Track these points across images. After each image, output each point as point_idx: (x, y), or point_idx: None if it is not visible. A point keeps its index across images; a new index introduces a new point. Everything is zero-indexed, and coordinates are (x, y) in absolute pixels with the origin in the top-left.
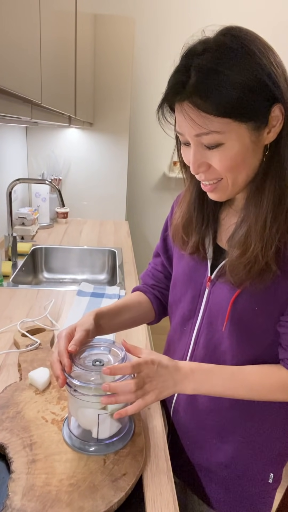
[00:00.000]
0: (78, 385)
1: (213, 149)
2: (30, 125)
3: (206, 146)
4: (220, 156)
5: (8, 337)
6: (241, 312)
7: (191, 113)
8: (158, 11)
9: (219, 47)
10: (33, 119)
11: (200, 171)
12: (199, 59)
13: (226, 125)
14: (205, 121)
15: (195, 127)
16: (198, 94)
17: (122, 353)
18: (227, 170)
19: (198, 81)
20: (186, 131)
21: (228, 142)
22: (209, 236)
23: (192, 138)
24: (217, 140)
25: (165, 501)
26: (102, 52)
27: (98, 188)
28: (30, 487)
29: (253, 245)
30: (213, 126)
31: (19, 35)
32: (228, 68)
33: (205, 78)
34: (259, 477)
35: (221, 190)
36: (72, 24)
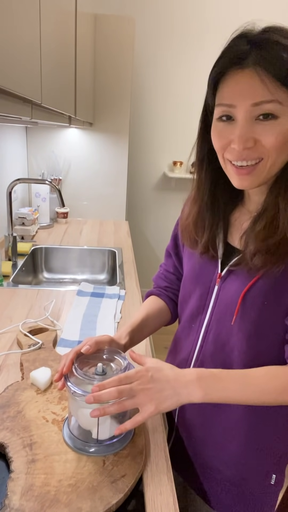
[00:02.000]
0: (77, 392)
1: (266, 122)
2: (30, 125)
3: (261, 118)
4: (271, 131)
5: (8, 337)
6: (250, 306)
7: (256, 79)
8: (158, 11)
9: (277, 29)
10: (33, 119)
11: (248, 145)
12: (260, 35)
13: (286, 98)
14: (270, 88)
15: (259, 93)
16: (265, 61)
17: (125, 362)
18: (274, 148)
19: (264, 49)
20: (241, 100)
21: (282, 116)
22: (219, 235)
23: (246, 109)
24: (275, 111)
25: (165, 501)
26: (102, 52)
27: (98, 188)
28: (29, 487)
29: (280, 228)
30: (278, 94)
31: (19, 35)
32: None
33: (270, 48)
34: (261, 478)
35: (257, 174)
36: (72, 24)
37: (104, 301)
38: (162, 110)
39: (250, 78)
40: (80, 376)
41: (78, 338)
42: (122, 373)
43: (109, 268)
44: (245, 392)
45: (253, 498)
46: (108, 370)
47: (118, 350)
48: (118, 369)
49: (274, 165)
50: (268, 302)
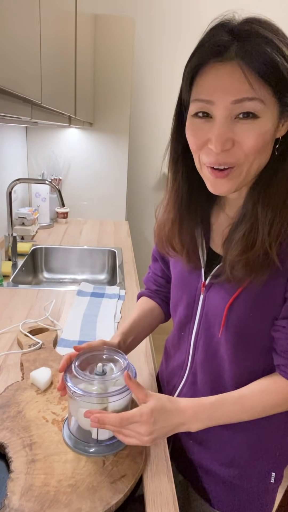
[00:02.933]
0: (78, 393)
1: (245, 122)
2: (30, 125)
3: (241, 117)
4: (250, 132)
5: (8, 337)
6: (236, 318)
7: (238, 74)
8: (158, 11)
9: (260, 21)
10: (33, 119)
11: (227, 147)
12: (242, 25)
13: (268, 96)
14: (253, 85)
15: (241, 89)
16: (248, 55)
17: (124, 362)
18: (253, 151)
19: (247, 42)
20: (221, 95)
21: (263, 117)
22: (201, 241)
23: (226, 106)
24: (258, 110)
25: (165, 501)
26: (102, 52)
27: (98, 188)
28: (29, 487)
29: (260, 238)
30: (261, 92)
31: (19, 35)
32: (274, 36)
33: (254, 41)
34: (261, 477)
35: (233, 179)
36: (72, 24)
37: (104, 301)
38: (162, 110)
39: (232, 72)
40: (80, 376)
41: (78, 338)
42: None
43: (109, 268)
44: (239, 415)
45: (253, 496)
46: (108, 370)
47: (118, 350)
48: (118, 369)
49: (251, 168)
50: (253, 313)
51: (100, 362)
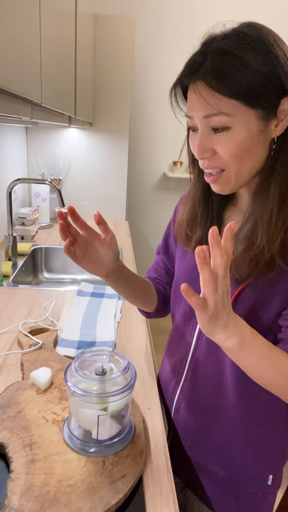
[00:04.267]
0: (78, 393)
1: (220, 133)
2: (30, 125)
3: (214, 130)
4: (226, 142)
5: (8, 337)
6: (241, 310)
7: (203, 93)
8: (158, 11)
9: (237, 34)
10: (33, 119)
11: (205, 156)
12: (217, 43)
13: (235, 108)
14: (215, 101)
15: (205, 107)
16: (212, 74)
17: (124, 362)
18: (231, 158)
19: (213, 61)
20: (195, 112)
21: (235, 127)
22: None
23: (200, 121)
24: (224, 122)
25: (165, 501)
26: (102, 52)
27: (98, 188)
28: (29, 487)
29: (259, 238)
30: (222, 107)
31: (19, 35)
32: (243, 51)
33: (221, 60)
34: (258, 479)
35: (223, 182)
36: (72, 24)
37: (104, 301)
38: (162, 110)
39: (199, 91)
40: (80, 376)
41: (78, 338)
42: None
43: None
44: (265, 364)
45: (250, 498)
46: (108, 370)
47: (119, 351)
48: (118, 369)
49: (239, 174)
50: (259, 305)
51: (100, 362)
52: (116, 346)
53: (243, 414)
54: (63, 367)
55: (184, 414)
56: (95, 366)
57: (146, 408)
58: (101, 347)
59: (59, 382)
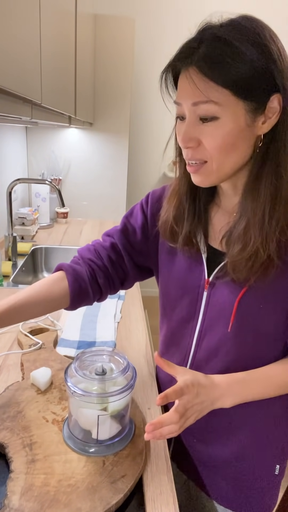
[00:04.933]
0: (78, 393)
1: (207, 123)
2: (30, 125)
3: (201, 119)
4: (212, 132)
5: (8, 337)
6: (246, 311)
7: (195, 78)
8: (158, 11)
9: (234, 24)
10: (33, 119)
11: (190, 145)
12: (213, 30)
13: (225, 98)
14: (206, 88)
15: (196, 94)
16: (205, 60)
17: (124, 362)
18: (215, 150)
19: (208, 48)
20: (184, 98)
21: (223, 117)
22: (200, 234)
23: (189, 108)
24: (213, 112)
25: (165, 501)
26: (102, 52)
27: (98, 188)
28: (29, 487)
29: (253, 238)
30: (212, 95)
31: (19, 35)
32: (239, 42)
33: (215, 47)
34: (265, 470)
35: (204, 173)
36: (72, 24)
37: (104, 301)
38: (162, 110)
39: (191, 77)
40: (80, 376)
41: (78, 338)
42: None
43: None
44: (267, 391)
45: (257, 490)
46: (108, 370)
47: (119, 351)
48: (118, 369)
49: (221, 167)
50: (264, 305)
51: (100, 362)
52: (116, 346)
53: (246, 409)
54: (63, 367)
55: None
56: (95, 366)
57: (146, 408)
58: (101, 347)
59: (59, 382)
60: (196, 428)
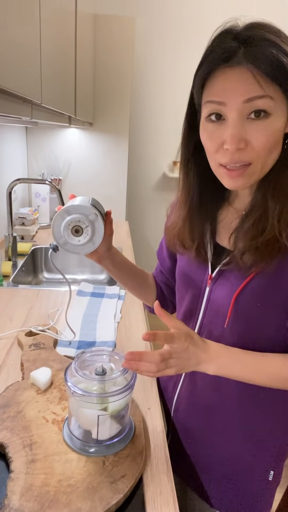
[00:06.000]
0: (78, 393)
1: (258, 121)
2: (30, 125)
3: (253, 116)
4: (264, 130)
5: (9, 337)
6: (243, 308)
7: (247, 76)
8: (158, 11)
9: (263, 25)
10: (33, 119)
11: (240, 146)
12: (246, 31)
13: (277, 94)
14: (262, 84)
15: (250, 89)
16: (255, 58)
17: None
18: (264, 149)
19: (253, 46)
20: (233, 97)
21: (274, 114)
22: (208, 235)
23: (237, 106)
24: (269, 107)
25: (165, 501)
26: (102, 52)
27: (98, 188)
28: (29, 487)
29: (269, 225)
30: (269, 90)
31: (19, 35)
32: (277, 38)
33: (259, 45)
34: (259, 475)
35: (248, 176)
36: (72, 24)
37: (104, 301)
38: (162, 110)
39: (241, 75)
40: (80, 376)
41: (78, 338)
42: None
43: None
44: (256, 375)
45: (251, 495)
46: (108, 370)
47: (119, 351)
48: (118, 369)
49: (265, 165)
50: (261, 303)
51: (100, 362)
52: (116, 346)
53: (244, 410)
54: (63, 367)
55: (184, 413)
56: (95, 366)
57: (146, 408)
58: (101, 347)
59: (59, 382)
60: (192, 429)
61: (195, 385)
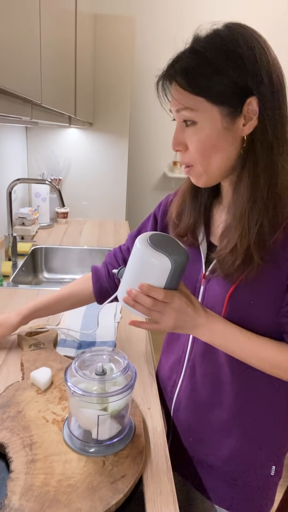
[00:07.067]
0: (78, 393)
1: (189, 128)
2: (30, 125)
3: (186, 124)
4: (194, 136)
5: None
6: (237, 306)
7: (175, 89)
8: (158, 11)
9: (213, 35)
10: (33, 119)
11: (178, 149)
12: (193, 43)
13: (200, 104)
14: (182, 97)
15: (174, 102)
16: (180, 72)
17: (124, 362)
18: (197, 153)
19: (184, 61)
20: (171, 106)
21: (200, 122)
22: (201, 230)
23: (175, 115)
24: (190, 116)
25: (165, 501)
26: (102, 52)
27: (98, 188)
28: (29, 487)
29: (233, 235)
30: (187, 102)
31: (19, 35)
32: (209, 51)
33: (189, 58)
34: (261, 470)
35: (195, 175)
36: (72, 24)
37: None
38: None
39: (174, 87)
40: (80, 376)
41: (78, 338)
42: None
43: None
44: (248, 354)
45: (253, 491)
46: (108, 370)
47: (119, 351)
48: (118, 369)
49: (208, 169)
50: (254, 301)
51: (100, 362)
52: (116, 346)
53: (244, 407)
54: (63, 367)
55: (184, 412)
56: (95, 366)
57: (146, 408)
58: (101, 347)
59: (59, 382)
60: (193, 427)
61: (194, 383)
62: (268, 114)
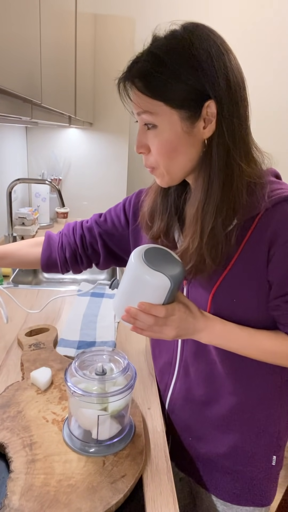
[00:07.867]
0: (78, 393)
1: (150, 131)
2: (30, 125)
3: (146, 126)
4: (155, 139)
5: (8, 337)
6: (220, 306)
7: (134, 93)
8: (158, 11)
9: (170, 37)
10: (33, 119)
11: (141, 151)
12: (151, 46)
13: (158, 108)
14: (141, 101)
15: (134, 106)
16: (138, 76)
17: (124, 362)
18: (158, 155)
19: (141, 64)
20: (133, 109)
21: (160, 125)
22: (176, 228)
23: (137, 117)
24: (150, 120)
25: (165, 501)
26: (102, 52)
27: (98, 188)
28: (29, 487)
29: (188, 237)
30: (146, 106)
31: (19, 35)
32: (166, 54)
33: (146, 61)
34: (262, 461)
35: (159, 177)
36: (72, 24)
37: (104, 301)
38: None
39: (133, 90)
40: (80, 376)
41: (78, 338)
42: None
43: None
44: (249, 348)
45: (256, 482)
46: (108, 370)
47: (119, 351)
48: (118, 369)
49: (170, 169)
50: (237, 300)
51: (100, 362)
52: (116, 346)
53: (241, 400)
54: (63, 367)
55: (181, 413)
56: (95, 366)
57: (146, 408)
58: (101, 347)
59: (59, 382)
60: (192, 426)
61: (189, 383)
62: (226, 117)
